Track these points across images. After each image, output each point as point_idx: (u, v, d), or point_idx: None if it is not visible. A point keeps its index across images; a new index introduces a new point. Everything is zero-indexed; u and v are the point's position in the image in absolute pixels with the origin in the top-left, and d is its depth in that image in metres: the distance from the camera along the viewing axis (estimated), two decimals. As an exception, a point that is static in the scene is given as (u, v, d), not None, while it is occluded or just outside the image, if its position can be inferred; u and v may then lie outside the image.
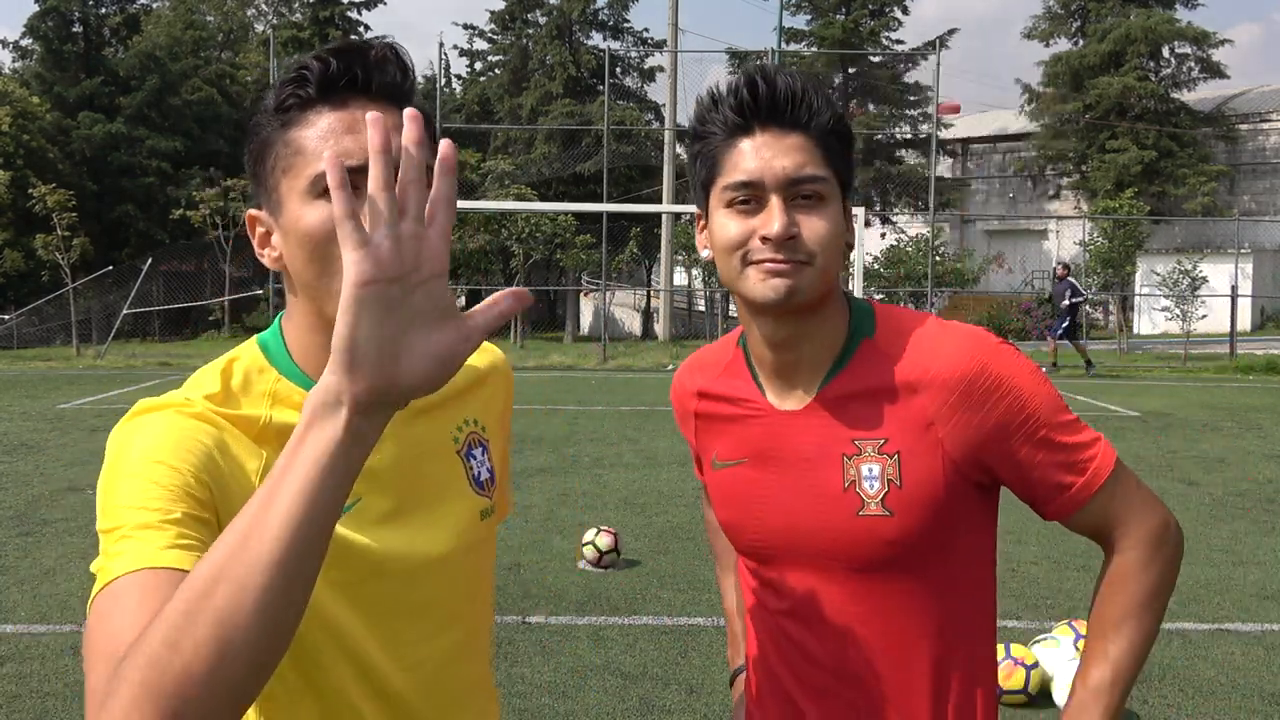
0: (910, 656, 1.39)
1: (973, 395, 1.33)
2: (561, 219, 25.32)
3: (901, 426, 1.35)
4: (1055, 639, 4.47)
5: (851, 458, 1.36)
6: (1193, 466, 9.68)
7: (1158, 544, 1.39)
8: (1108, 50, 33.33)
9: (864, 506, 1.35)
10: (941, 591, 1.39)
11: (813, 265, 1.32)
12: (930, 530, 1.35)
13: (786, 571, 1.43)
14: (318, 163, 1.09)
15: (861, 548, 1.36)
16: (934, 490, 1.34)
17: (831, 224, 1.33)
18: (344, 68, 1.11)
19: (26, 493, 8.17)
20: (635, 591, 5.74)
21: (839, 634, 1.40)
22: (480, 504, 1.28)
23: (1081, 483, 1.36)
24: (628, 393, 15.65)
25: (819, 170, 1.32)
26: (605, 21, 37.08)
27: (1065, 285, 18.99)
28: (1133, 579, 1.38)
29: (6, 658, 4.70)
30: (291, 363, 1.18)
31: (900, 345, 1.37)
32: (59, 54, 34.25)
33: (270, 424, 1.14)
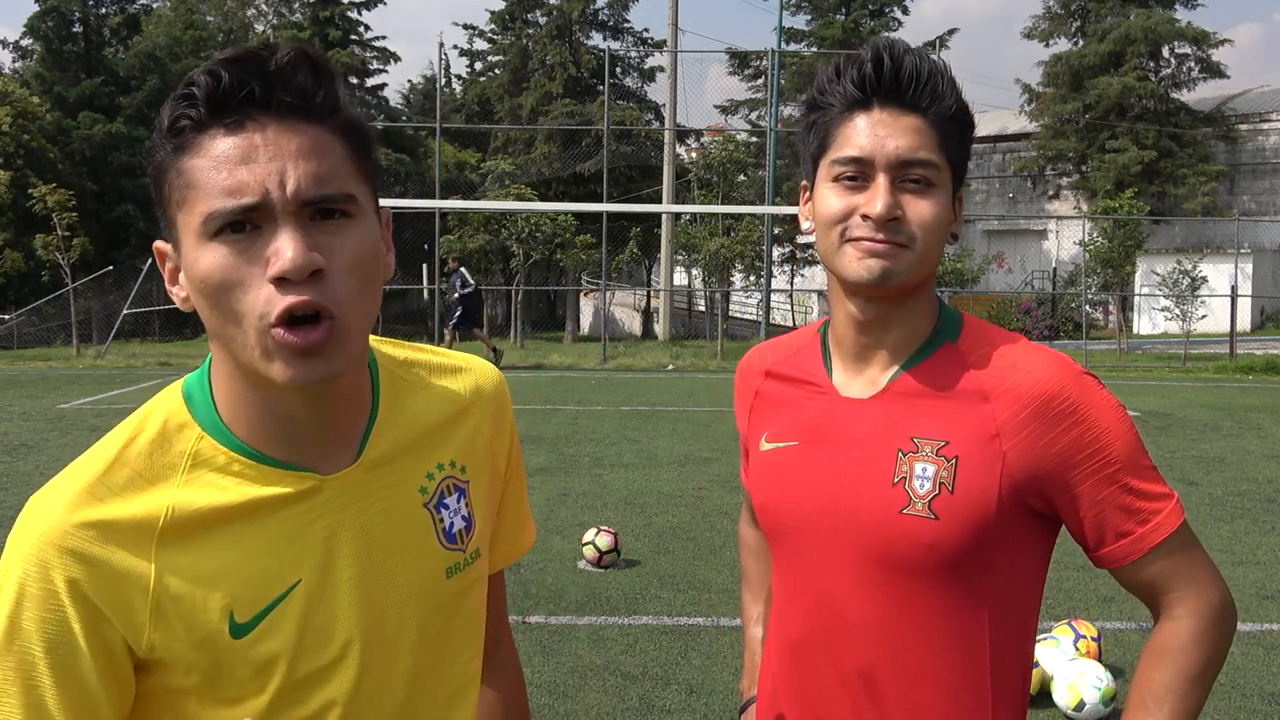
0: (933, 670, 1.33)
1: (1046, 415, 1.28)
2: (561, 219, 25.30)
3: (966, 433, 1.30)
4: (1055, 639, 4.47)
5: (907, 454, 1.31)
6: (1193, 466, 9.68)
7: (1215, 619, 1.31)
8: (1108, 50, 33.31)
9: (909, 505, 1.30)
10: (974, 609, 1.33)
11: (912, 249, 1.29)
12: (972, 543, 1.29)
13: (815, 560, 1.38)
14: (211, 199, 0.94)
15: (898, 546, 1.30)
16: (985, 503, 1.28)
17: (938, 210, 1.30)
18: (237, 81, 0.94)
19: (26, 493, 8.15)
20: (635, 591, 5.73)
21: (862, 635, 1.35)
22: (447, 560, 1.13)
23: (1142, 533, 1.30)
24: (628, 393, 15.65)
25: (932, 155, 1.29)
26: (605, 21, 37.10)
27: (456, 277, 19.34)
28: (1183, 652, 1.30)
29: (6, 658, 4.70)
30: (216, 417, 1.03)
31: (982, 355, 1.33)
32: (59, 54, 34.25)
33: (171, 517, 0.98)
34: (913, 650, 1.33)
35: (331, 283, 0.94)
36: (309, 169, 0.94)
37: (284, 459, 1.03)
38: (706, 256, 25.73)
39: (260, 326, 0.94)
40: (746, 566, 1.73)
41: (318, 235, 0.95)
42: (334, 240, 0.96)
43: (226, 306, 0.95)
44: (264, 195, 0.93)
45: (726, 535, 7.00)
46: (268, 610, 1.00)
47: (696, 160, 30.54)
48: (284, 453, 1.03)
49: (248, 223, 0.94)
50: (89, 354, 22.45)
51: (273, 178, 0.93)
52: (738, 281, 29.31)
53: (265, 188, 0.93)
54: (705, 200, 27.39)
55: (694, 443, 10.85)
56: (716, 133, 31.39)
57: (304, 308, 0.93)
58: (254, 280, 0.94)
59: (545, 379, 18.32)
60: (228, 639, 0.99)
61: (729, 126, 33.60)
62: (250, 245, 0.94)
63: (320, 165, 0.95)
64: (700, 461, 9.79)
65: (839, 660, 1.37)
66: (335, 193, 0.96)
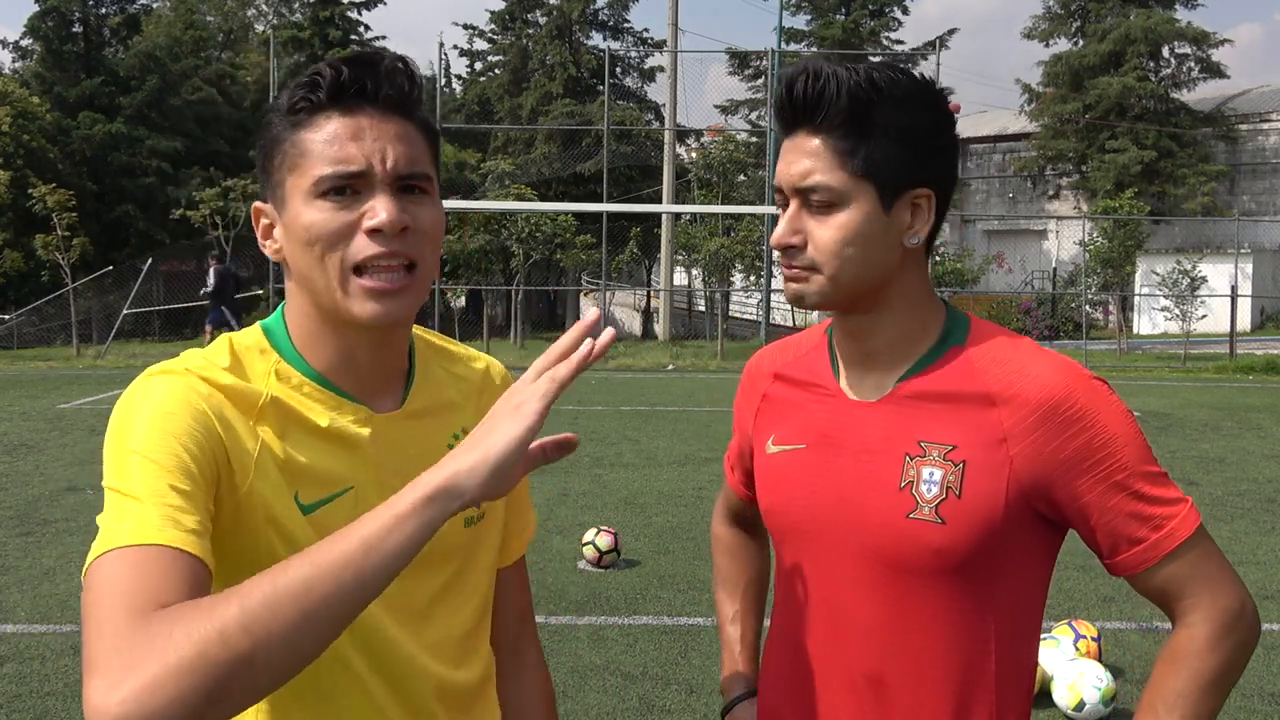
0: (939, 674, 1.33)
1: (1054, 420, 1.27)
2: (561, 219, 25.30)
3: (973, 437, 1.29)
4: (1055, 639, 4.48)
5: (914, 458, 1.30)
6: (1193, 466, 9.68)
7: (1230, 624, 1.28)
8: (1108, 50, 33.32)
9: (916, 509, 1.29)
10: (979, 614, 1.32)
11: (820, 273, 1.29)
12: (979, 547, 1.28)
13: (822, 564, 1.37)
14: (323, 165, 1.15)
15: (905, 550, 1.30)
16: (993, 508, 1.27)
17: (840, 230, 1.27)
18: (355, 77, 1.16)
19: (26, 493, 8.17)
20: (635, 591, 5.74)
21: (868, 639, 1.34)
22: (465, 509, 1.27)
23: (1155, 539, 1.28)
24: (628, 393, 15.65)
25: (823, 177, 1.27)
26: (605, 21, 37.10)
27: (213, 274, 19.91)
28: (1197, 658, 1.28)
29: (6, 658, 4.70)
30: (292, 347, 1.23)
31: (990, 358, 1.32)
32: (59, 54, 34.23)
33: (269, 402, 1.18)
34: (919, 654, 1.32)
35: (413, 240, 1.17)
36: (402, 151, 1.17)
37: (346, 390, 1.23)
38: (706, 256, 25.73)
39: (348, 272, 1.15)
40: (720, 564, 1.72)
41: (405, 203, 1.17)
42: (416, 209, 1.18)
43: (320, 253, 1.15)
44: (368, 166, 1.15)
45: (726, 535, 6.99)
46: (324, 502, 1.18)
47: (696, 160, 30.53)
48: (346, 385, 1.23)
49: (349, 188, 1.16)
50: (89, 354, 22.45)
51: (375, 154, 1.15)
52: (738, 281, 29.30)
53: (370, 161, 1.15)
54: (705, 200, 27.40)
55: (694, 443, 10.85)
56: (716, 133, 31.39)
57: (391, 256, 1.15)
58: (348, 233, 1.15)
59: (545, 379, 18.30)
60: (298, 510, 1.17)
61: (729, 126, 33.60)
62: (349, 206, 1.16)
63: (410, 149, 1.18)
64: (700, 461, 9.79)
65: (845, 664, 1.36)
66: (419, 172, 1.18)
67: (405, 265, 1.17)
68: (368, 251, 1.15)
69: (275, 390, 1.19)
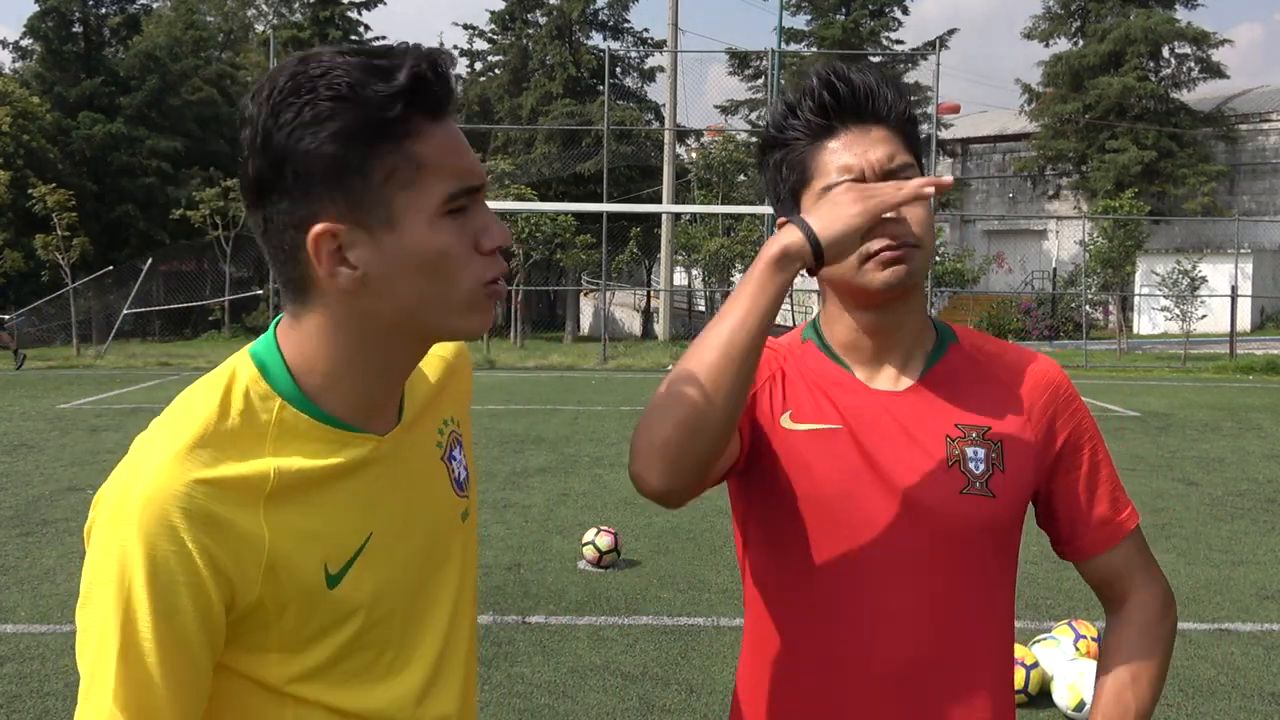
0: (980, 652, 1.39)
1: (1058, 400, 1.43)
2: (561, 219, 25.31)
3: (1003, 418, 1.40)
4: (1055, 639, 4.48)
5: (955, 440, 1.38)
6: (1193, 466, 9.68)
7: (1168, 604, 1.46)
8: (1108, 50, 33.32)
9: (969, 485, 1.36)
10: (1007, 589, 1.43)
11: (921, 247, 1.36)
12: (1019, 518, 1.41)
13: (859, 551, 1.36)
14: (450, 180, 1.04)
15: (961, 525, 1.36)
16: (1028, 480, 1.40)
17: (928, 209, 1.37)
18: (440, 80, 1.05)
19: (26, 493, 8.17)
20: (635, 591, 5.74)
21: (912, 625, 1.35)
22: (459, 505, 1.24)
23: (1120, 520, 1.44)
24: (628, 393, 15.64)
25: (907, 158, 1.36)
26: (605, 21, 37.09)
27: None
28: (1157, 623, 1.44)
29: (6, 658, 4.70)
30: (295, 387, 1.08)
31: (986, 352, 1.46)
32: (59, 54, 34.24)
33: (279, 478, 1.03)
34: (964, 635, 1.38)
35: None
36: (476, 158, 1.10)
37: (354, 423, 1.10)
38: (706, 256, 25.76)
39: (477, 289, 1.06)
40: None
41: None
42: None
43: (449, 276, 1.05)
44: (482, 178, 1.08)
45: (726, 535, 6.99)
46: (351, 562, 1.09)
47: (696, 160, 30.56)
48: (355, 417, 1.10)
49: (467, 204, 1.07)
50: (89, 354, 22.46)
51: (477, 164, 1.08)
52: (737, 281, 29.30)
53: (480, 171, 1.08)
54: (705, 200, 27.42)
55: (694, 443, 10.84)
56: (716, 133, 31.41)
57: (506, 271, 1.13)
58: (470, 250, 1.06)
59: (545, 379, 18.33)
60: (324, 589, 1.06)
61: (729, 126, 33.60)
62: (466, 222, 1.06)
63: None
64: (700, 461, 9.78)
65: (883, 654, 1.36)
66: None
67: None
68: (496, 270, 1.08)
69: (279, 463, 1.04)
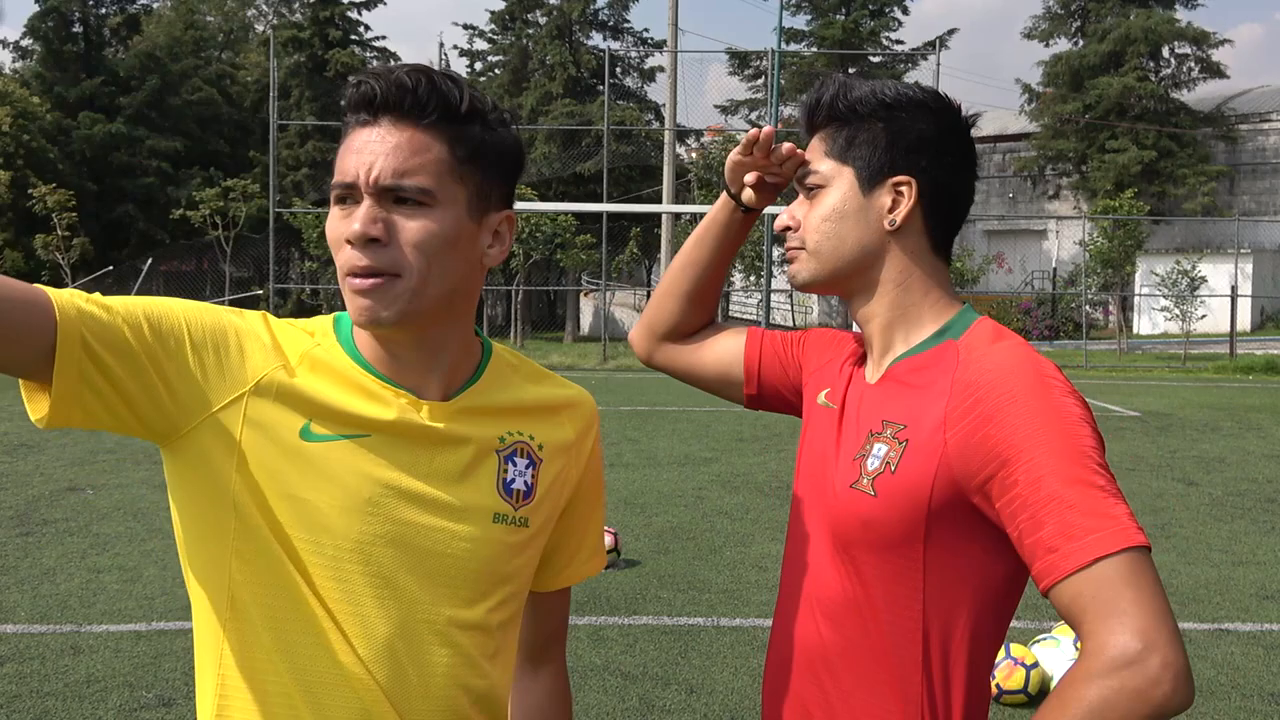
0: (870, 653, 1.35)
1: (984, 405, 1.25)
2: (561, 219, 25.31)
3: (921, 418, 1.32)
4: (1055, 639, 4.48)
5: (874, 435, 1.38)
6: (1193, 466, 9.68)
7: (1121, 664, 1.08)
8: (1108, 50, 33.32)
9: (858, 480, 1.36)
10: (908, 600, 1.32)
11: (804, 249, 1.45)
12: (904, 525, 1.30)
13: (803, 531, 1.48)
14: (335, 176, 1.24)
15: (843, 518, 1.37)
16: (919, 487, 1.28)
17: (823, 209, 1.43)
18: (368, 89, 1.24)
19: (26, 493, 8.16)
20: (635, 591, 5.74)
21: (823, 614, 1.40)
22: (497, 505, 1.30)
23: (1069, 549, 1.14)
24: (628, 393, 15.65)
25: (813, 164, 1.45)
26: (605, 21, 37.10)
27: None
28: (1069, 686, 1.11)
29: (6, 658, 4.70)
30: (351, 338, 1.29)
31: (970, 350, 1.34)
32: (59, 54, 34.24)
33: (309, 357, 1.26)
34: (855, 633, 1.37)
35: (392, 251, 1.19)
36: (390, 163, 1.19)
37: (389, 376, 1.27)
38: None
39: (343, 274, 1.21)
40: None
41: (394, 214, 1.20)
42: (404, 220, 1.20)
43: (334, 256, 1.24)
44: (355, 177, 1.20)
45: (726, 535, 7.00)
46: (336, 437, 1.23)
47: (696, 160, 30.56)
48: (389, 373, 1.27)
49: (349, 197, 1.22)
50: (89, 354, 22.41)
51: (363, 166, 1.19)
52: (738, 281, 29.31)
53: (357, 172, 1.19)
54: (705, 200, 27.37)
55: (694, 443, 10.86)
56: (716, 133, 31.41)
57: (363, 270, 1.19)
58: (339, 241, 1.22)
59: (545, 379, 18.29)
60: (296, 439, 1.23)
61: (729, 126, 33.61)
62: (349, 214, 1.21)
63: (405, 161, 1.19)
64: (700, 461, 9.80)
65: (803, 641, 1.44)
66: (409, 184, 1.19)
67: (386, 274, 1.19)
68: (348, 260, 1.20)
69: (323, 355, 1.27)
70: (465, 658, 1.28)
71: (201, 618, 1.27)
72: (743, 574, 6.08)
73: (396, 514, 1.24)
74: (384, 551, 1.23)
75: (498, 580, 1.31)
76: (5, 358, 1.09)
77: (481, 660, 1.30)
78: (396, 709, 1.24)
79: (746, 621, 5.26)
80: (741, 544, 6.73)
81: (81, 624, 5.15)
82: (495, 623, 1.32)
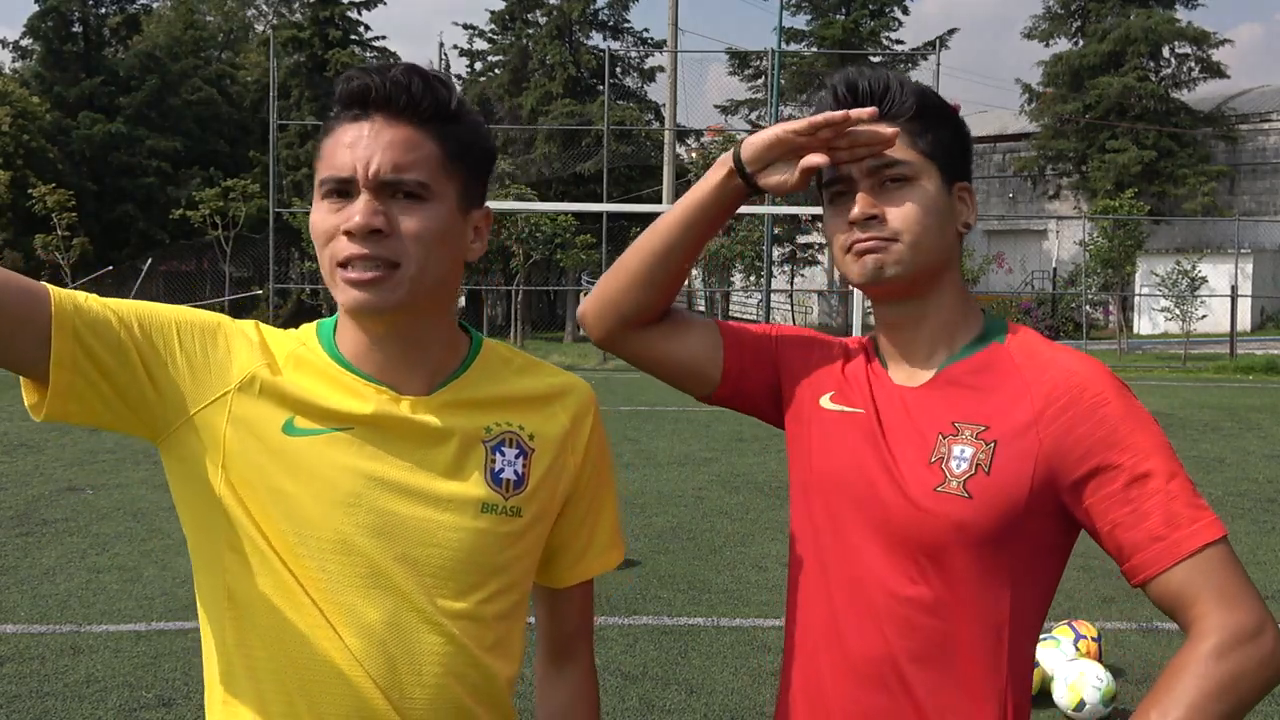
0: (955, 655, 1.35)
1: (1079, 405, 1.30)
2: (561, 219, 25.30)
3: (1005, 419, 1.34)
4: (1055, 639, 4.47)
5: (946, 437, 1.36)
6: (1193, 466, 9.68)
7: (1244, 638, 1.21)
8: (1108, 50, 33.30)
9: (944, 483, 1.33)
10: (995, 599, 1.34)
11: (900, 241, 1.37)
12: (1001, 526, 1.31)
13: (855, 538, 1.40)
14: (323, 170, 1.29)
15: (929, 523, 1.33)
16: (1018, 487, 1.31)
17: (918, 203, 1.38)
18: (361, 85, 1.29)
19: (26, 493, 8.16)
20: (635, 591, 5.74)
21: (889, 618, 1.36)
22: (486, 496, 1.32)
23: (1177, 538, 1.25)
24: (628, 393, 15.65)
25: (899, 154, 1.37)
26: (605, 21, 37.07)
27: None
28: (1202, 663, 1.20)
29: (6, 658, 4.70)
30: (332, 337, 1.34)
31: (1026, 354, 1.39)
32: (59, 54, 34.22)
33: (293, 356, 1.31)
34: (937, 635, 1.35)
35: (393, 242, 1.24)
36: (389, 157, 1.23)
37: (369, 373, 1.31)
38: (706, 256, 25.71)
39: (334, 266, 1.25)
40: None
41: (392, 207, 1.24)
42: (403, 213, 1.25)
43: (320, 249, 1.27)
44: (352, 172, 1.23)
45: (726, 535, 7.00)
46: (317, 432, 1.27)
47: (696, 160, 30.54)
48: (369, 369, 1.32)
49: (342, 191, 1.25)
50: (89, 354, 22.39)
51: (360, 161, 1.23)
52: (738, 281, 29.31)
53: (354, 166, 1.23)
54: (705, 200, 27.29)
55: (694, 443, 10.85)
56: (716, 133, 31.39)
57: (364, 258, 1.23)
58: (336, 232, 1.25)
59: (545, 379, 18.29)
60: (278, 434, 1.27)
61: (729, 126, 33.59)
62: (341, 208, 1.25)
63: (403, 156, 1.24)
64: (700, 461, 9.79)
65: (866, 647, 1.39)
66: (408, 178, 1.24)
67: (385, 263, 1.24)
68: (345, 251, 1.24)
69: (306, 354, 1.32)
70: (459, 648, 1.29)
71: (204, 610, 1.31)
72: (743, 574, 6.08)
73: (379, 505, 1.26)
74: (368, 543, 1.26)
75: (490, 571, 1.32)
76: (6, 349, 1.15)
77: (478, 651, 1.31)
78: (390, 699, 1.26)
79: (746, 621, 5.26)
80: (741, 544, 6.73)
81: (81, 624, 5.15)
82: (490, 614, 1.32)
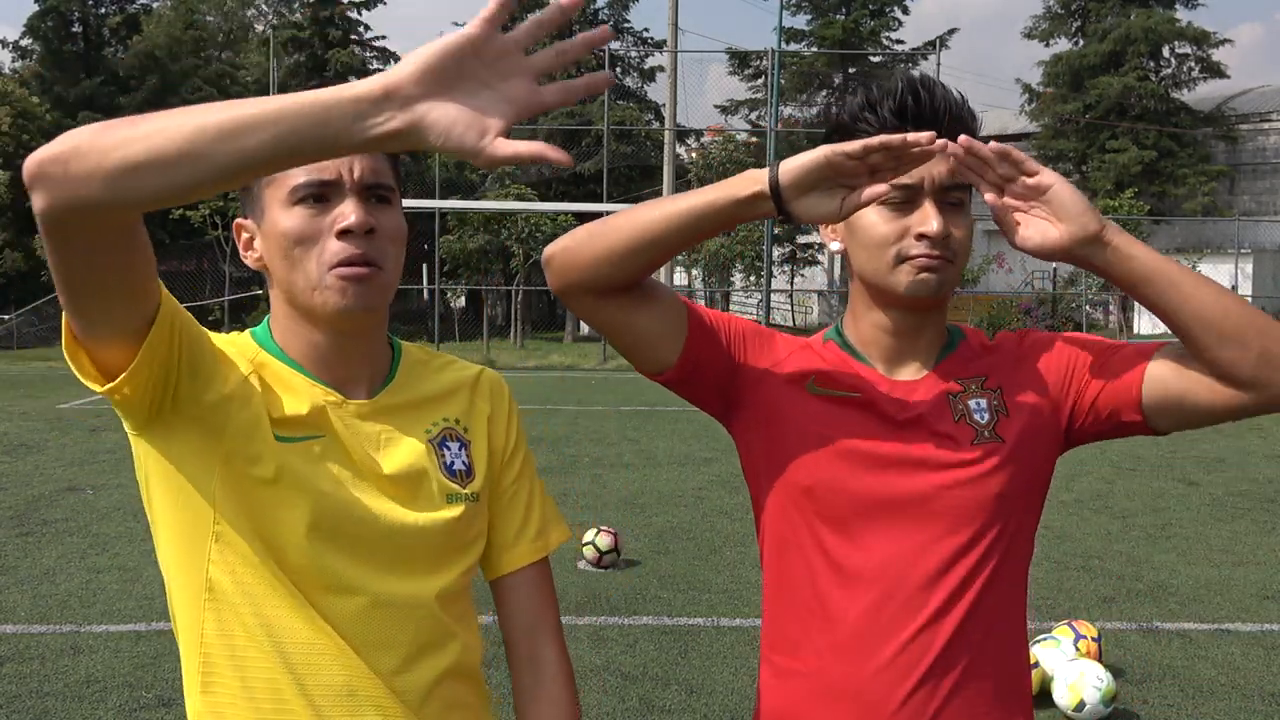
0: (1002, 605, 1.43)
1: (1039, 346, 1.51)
2: (561, 219, 25.29)
3: (994, 372, 1.48)
4: (1055, 639, 4.47)
5: (957, 395, 1.45)
6: (1193, 466, 9.68)
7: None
8: (1108, 50, 33.32)
9: (977, 436, 1.42)
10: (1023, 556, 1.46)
11: (955, 264, 1.43)
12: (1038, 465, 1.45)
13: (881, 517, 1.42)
14: (298, 175, 1.30)
15: (975, 474, 1.40)
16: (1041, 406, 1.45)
17: (970, 228, 1.45)
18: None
19: (26, 493, 8.16)
20: (635, 591, 5.74)
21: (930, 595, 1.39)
22: (446, 487, 1.40)
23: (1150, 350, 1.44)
24: (628, 393, 15.65)
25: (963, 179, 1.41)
26: (605, 21, 37.10)
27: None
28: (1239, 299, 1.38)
29: (6, 658, 4.70)
30: (274, 343, 1.38)
31: (980, 337, 1.55)
32: (59, 54, 34.22)
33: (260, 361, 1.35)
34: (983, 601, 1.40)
35: (379, 243, 1.31)
36: (368, 163, 1.32)
37: (323, 379, 1.37)
38: (706, 256, 25.75)
39: (322, 269, 1.29)
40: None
41: (372, 210, 1.32)
42: (381, 215, 1.33)
43: (298, 255, 1.30)
44: (338, 175, 1.30)
45: (726, 535, 7.00)
46: (297, 439, 1.32)
47: (696, 160, 30.54)
48: (322, 375, 1.37)
49: (322, 195, 1.30)
50: (89, 354, 22.40)
51: (344, 165, 1.30)
52: (738, 281, 29.31)
53: (339, 171, 1.30)
54: (705, 200, 27.29)
55: (694, 443, 10.85)
56: (716, 133, 31.39)
57: (360, 258, 1.29)
58: (321, 236, 1.30)
59: (545, 379, 18.33)
60: (271, 438, 1.31)
61: (729, 126, 33.60)
62: (322, 211, 1.30)
63: (375, 162, 1.33)
64: (700, 461, 9.79)
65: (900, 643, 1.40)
66: (384, 182, 1.33)
67: (373, 263, 1.30)
68: (344, 251, 1.29)
69: (267, 361, 1.36)
70: (437, 623, 1.36)
71: (179, 602, 1.34)
72: (743, 574, 6.08)
73: (357, 509, 1.32)
74: (350, 542, 1.31)
75: (460, 548, 1.41)
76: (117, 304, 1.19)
77: (453, 624, 1.39)
78: (382, 677, 1.31)
79: (746, 621, 5.25)
80: (741, 544, 6.73)
81: (81, 624, 5.15)
82: (461, 586, 1.42)
